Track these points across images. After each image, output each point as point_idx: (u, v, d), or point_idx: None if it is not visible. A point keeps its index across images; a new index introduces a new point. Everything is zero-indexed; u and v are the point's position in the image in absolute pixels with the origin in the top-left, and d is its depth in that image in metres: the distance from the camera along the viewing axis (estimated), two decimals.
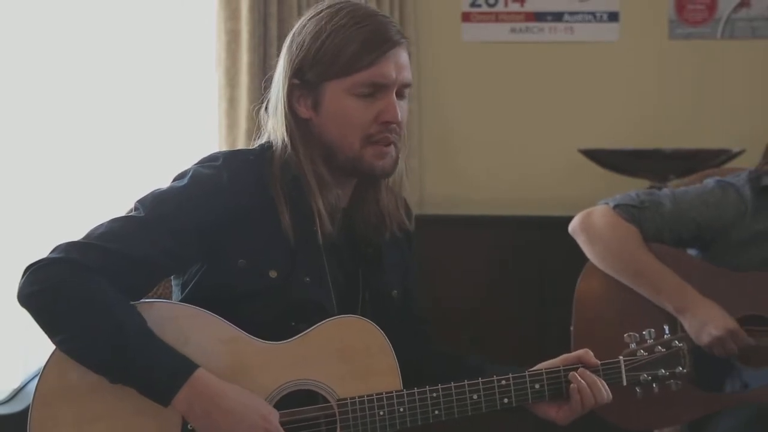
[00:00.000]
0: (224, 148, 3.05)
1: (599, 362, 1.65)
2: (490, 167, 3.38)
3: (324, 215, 1.59)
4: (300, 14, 3.10)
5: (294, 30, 1.63)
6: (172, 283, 1.68)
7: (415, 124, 3.29)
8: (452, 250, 3.08)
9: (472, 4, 3.39)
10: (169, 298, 1.72)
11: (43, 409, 1.50)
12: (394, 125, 1.59)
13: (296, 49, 1.60)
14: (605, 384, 1.63)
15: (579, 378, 1.62)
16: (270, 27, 3.15)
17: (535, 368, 1.65)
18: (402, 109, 1.60)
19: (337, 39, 1.56)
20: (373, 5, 3.21)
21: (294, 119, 1.60)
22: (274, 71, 1.65)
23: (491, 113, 3.39)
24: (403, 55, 1.59)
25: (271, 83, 1.66)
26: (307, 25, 1.61)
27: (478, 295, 3.07)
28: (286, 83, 1.60)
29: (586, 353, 1.65)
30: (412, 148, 3.29)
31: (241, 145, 3.07)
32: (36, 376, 2.74)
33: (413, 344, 1.74)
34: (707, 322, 2.06)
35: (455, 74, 3.39)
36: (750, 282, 2.12)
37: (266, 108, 1.67)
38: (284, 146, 1.61)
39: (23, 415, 2.56)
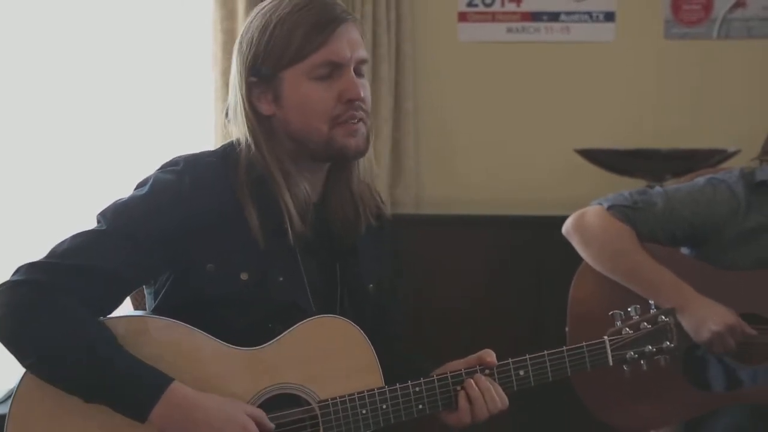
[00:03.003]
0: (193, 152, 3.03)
1: (496, 362, 1.60)
2: (486, 167, 3.38)
3: (293, 213, 1.56)
4: None
5: (241, 32, 1.62)
6: (145, 292, 1.65)
7: (412, 124, 3.29)
8: (449, 250, 3.08)
9: (469, 4, 3.39)
10: (144, 307, 1.69)
11: None
12: (358, 102, 1.56)
13: (246, 47, 1.58)
14: (500, 390, 1.59)
15: (474, 385, 1.58)
16: None
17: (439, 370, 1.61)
18: (364, 87, 1.58)
19: (284, 27, 1.54)
20: (369, 6, 3.22)
21: (256, 118, 1.58)
22: (230, 78, 1.62)
23: (488, 113, 3.39)
24: (353, 32, 1.57)
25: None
26: (253, 22, 1.59)
27: (475, 294, 3.07)
28: (244, 83, 1.58)
29: (486, 354, 1.61)
30: (408, 149, 3.29)
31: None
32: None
33: (383, 350, 1.65)
34: (706, 318, 2.06)
35: (452, 74, 3.39)
36: (745, 281, 2.12)
37: (226, 116, 1.64)
38: (248, 146, 1.58)
39: None
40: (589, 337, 2.18)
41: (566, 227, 2.24)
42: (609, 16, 3.37)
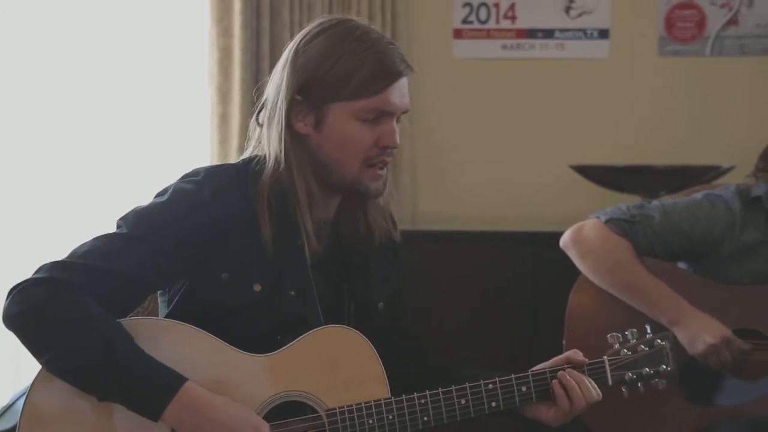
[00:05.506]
0: (216, 163, 3.05)
1: (587, 360, 1.68)
2: (482, 183, 3.39)
3: (311, 233, 1.60)
4: (292, 30, 3.17)
5: (297, 44, 1.62)
6: (159, 299, 1.68)
7: (407, 141, 3.29)
8: (445, 266, 3.08)
9: (464, 21, 3.40)
10: (157, 313, 1.71)
11: None
12: (391, 150, 1.62)
13: (302, 65, 1.59)
14: (593, 382, 1.66)
15: (567, 377, 1.65)
16: (262, 43, 3.16)
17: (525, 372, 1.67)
18: (397, 133, 1.64)
19: (348, 63, 1.57)
20: (364, 21, 3.23)
21: (290, 134, 1.61)
22: (269, 80, 1.65)
23: (483, 130, 3.40)
24: (406, 85, 1.63)
25: (262, 91, 1.66)
26: (314, 43, 1.60)
27: (471, 310, 3.07)
28: (288, 98, 1.60)
29: (574, 353, 1.69)
30: (404, 165, 3.30)
31: (233, 160, 3.07)
32: (25, 393, 2.71)
33: (404, 357, 1.74)
34: (702, 331, 2.07)
35: (447, 91, 3.40)
36: (742, 295, 2.13)
37: (257, 118, 1.67)
38: (276, 161, 1.61)
39: None
40: (586, 350, 2.18)
41: (564, 240, 2.25)
42: (603, 33, 3.39)
